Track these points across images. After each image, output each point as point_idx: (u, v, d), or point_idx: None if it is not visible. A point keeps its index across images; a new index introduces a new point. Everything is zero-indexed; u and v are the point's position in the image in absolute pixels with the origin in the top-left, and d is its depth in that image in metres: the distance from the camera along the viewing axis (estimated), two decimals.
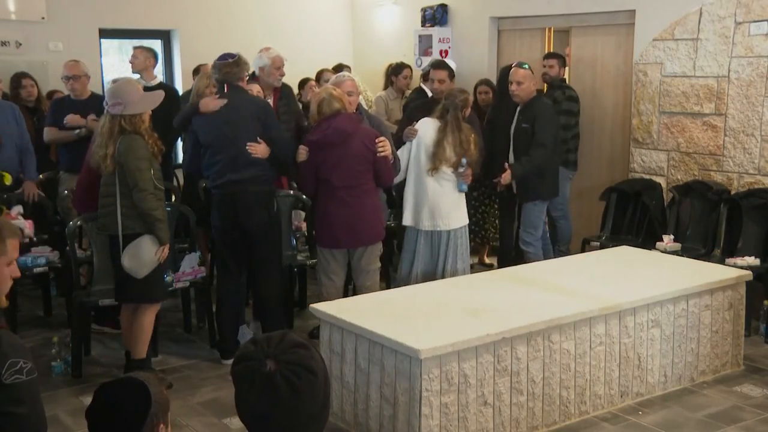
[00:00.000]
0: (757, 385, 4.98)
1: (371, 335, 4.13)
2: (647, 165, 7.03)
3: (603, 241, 6.76)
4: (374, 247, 5.42)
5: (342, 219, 5.24)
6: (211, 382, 5.10)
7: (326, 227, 5.33)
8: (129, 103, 4.75)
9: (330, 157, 5.20)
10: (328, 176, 5.21)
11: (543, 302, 4.54)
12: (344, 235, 5.29)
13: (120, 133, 4.74)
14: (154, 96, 5.01)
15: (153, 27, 8.79)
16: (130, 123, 4.76)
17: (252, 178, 5.27)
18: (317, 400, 1.92)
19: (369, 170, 5.28)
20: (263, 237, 5.38)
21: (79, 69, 6.53)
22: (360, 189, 5.27)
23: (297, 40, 8.94)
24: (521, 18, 8.04)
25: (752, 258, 5.85)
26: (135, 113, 4.77)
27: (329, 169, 5.20)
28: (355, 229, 5.28)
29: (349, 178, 5.22)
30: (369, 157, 5.25)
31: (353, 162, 5.21)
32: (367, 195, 5.32)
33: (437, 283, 5.21)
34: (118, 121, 4.75)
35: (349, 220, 5.25)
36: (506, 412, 4.19)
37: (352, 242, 5.33)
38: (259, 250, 5.41)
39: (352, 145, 5.20)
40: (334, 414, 4.45)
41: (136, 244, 4.81)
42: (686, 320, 4.89)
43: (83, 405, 4.72)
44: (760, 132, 6.28)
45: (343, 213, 5.24)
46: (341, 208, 5.24)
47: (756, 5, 6.20)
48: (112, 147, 4.73)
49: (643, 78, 6.98)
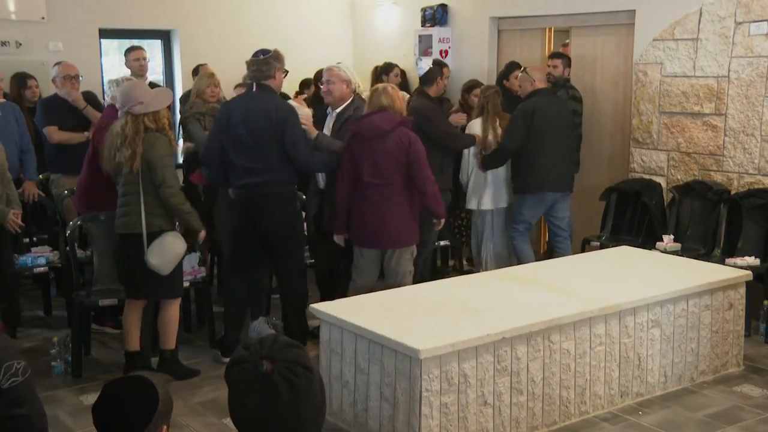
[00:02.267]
0: (757, 385, 4.98)
1: (371, 335, 4.13)
2: (647, 165, 7.03)
3: (603, 241, 6.76)
4: (405, 250, 5.36)
5: (367, 218, 5.27)
6: (211, 382, 5.10)
7: (354, 224, 5.37)
8: (148, 102, 4.81)
9: (361, 151, 5.25)
10: (359, 171, 5.26)
11: (543, 302, 4.54)
12: (368, 235, 5.31)
13: (144, 131, 4.79)
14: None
15: (153, 27, 8.79)
16: (153, 121, 4.83)
17: (270, 181, 5.23)
18: (316, 399, 1.90)
19: (399, 172, 5.25)
20: (281, 240, 5.35)
21: (76, 68, 6.58)
22: (388, 189, 5.25)
23: (297, 40, 8.94)
24: (521, 18, 8.04)
25: (752, 258, 5.85)
26: (156, 110, 4.83)
27: (360, 163, 5.25)
28: (378, 230, 5.27)
29: (376, 176, 5.22)
30: (401, 158, 5.22)
31: (382, 160, 5.21)
32: (395, 196, 5.27)
33: (437, 283, 5.21)
34: (141, 120, 4.79)
35: (374, 220, 5.26)
36: (506, 412, 4.19)
37: (376, 243, 5.33)
38: (278, 253, 5.41)
39: (385, 143, 5.21)
40: (334, 414, 4.45)
41: (160, 242, 4.85)
42: (686, 320, 4.89)
43: (83, 405, 4.75)
44: (760, 132, 6.28)
45: (368, 212, 5.26)
46: (367, 207, 5.26)
47: (756, 5, 6.20)
48: (140, 146, 4.76)
49: (643, 78, 6.98)
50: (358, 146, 5.24)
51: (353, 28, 9.89)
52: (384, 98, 5.27)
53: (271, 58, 5.23)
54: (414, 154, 5.24)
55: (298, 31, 9.21)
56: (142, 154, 4.76)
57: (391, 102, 5.28)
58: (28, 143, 6.47)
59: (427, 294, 4.83)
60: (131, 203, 4.87)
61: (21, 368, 2.58)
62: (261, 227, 5.30)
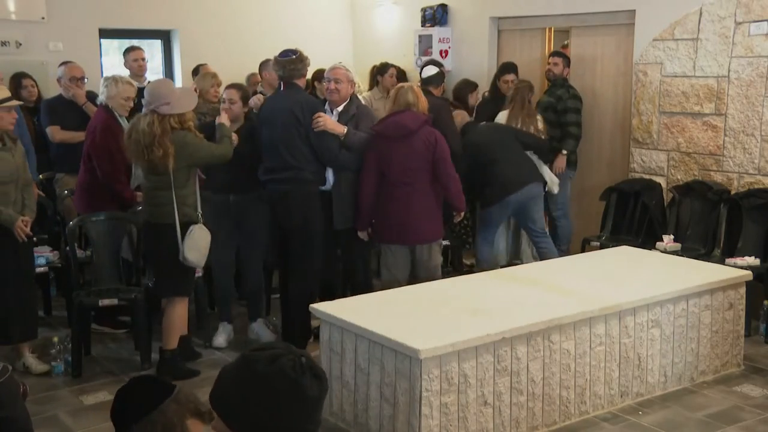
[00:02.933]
0: (757, 385, 4.98)
1: (371, 335, 4.13)
2: (647, 165, 7.03)
3: (603, 241, 6.76)
4: (434, 243, 5.54)
5: (394, 215, 5.39)
6: (211, 382, 5.03)
7: (379, 221, 5.48)
8: (174, 103, 4.89)
9: (388, 151, 5.34)
10: (386, 170, 5.36)
11: (543, 302, 4.54)
12: (396, 232, 5.44)
13: (170, 131, 4.87)
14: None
15: (153, 27, 8.78)
16: (178, 122, 4.91)
17: (292, 178, 5.32)
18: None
19: (426, 170, 5.38)
20: (298, 239, 5.41)
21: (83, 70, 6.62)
22: (413, 187, 5.36)
23: (297, 40, 8.83)
24: (521, 18, 8.04)
25: (752, 258, 5.85)
26: (182, 112, 4.93)
27: (387, 162, 5.35)
28: (406, 226, 5.40)
29: (403, 175, 5.34)
30: (428, 157, 5.35)
31: (409, 159, 5.33)
32: (421, 194, 5.39)
33: (437, 283, 5.21)
34: (167, 120, 4.87)
35: (401, 218, 5.39)
36: (506, 412, 4.19)
37: (404, 239, 5.46)
38: (294, 251, 5.45)
39: (412, 142, 5.33)
40: (334, 414, 4.45)
41: (191, 237, 4.97)
42: (686, 320, 4.89)
43: (83, 405, 4.75)
44: (760, 132, 6.28)
45: (395, 210, 5.38)
46: (394, 205, 5.37)
47: (756, 5, 6.20)
48: (171, 146, 4.85)
49: (643, 78, 6.98)
50: (385, 146, 5.35)
51: (353, 28, 9.89)
52: (411, 96, 5.42)
53: (301, 58, 5.43)
54: (440, 152, 5.39)
55: (298, 31, 9.20)
56: (175, 155, 4.86)
57: (416, 101, 5.42)
58: (27, 143, 6.46)
59: (427, 294, 4.83)
60: (161, 196, 4.97)
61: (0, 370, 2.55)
62: (282, 224, 5.42)
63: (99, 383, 5.08)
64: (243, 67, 8.35)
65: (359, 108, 5.59)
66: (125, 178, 5.66)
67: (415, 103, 5.42)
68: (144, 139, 4.86)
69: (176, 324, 5.16)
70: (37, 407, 4.64)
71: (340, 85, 5.50)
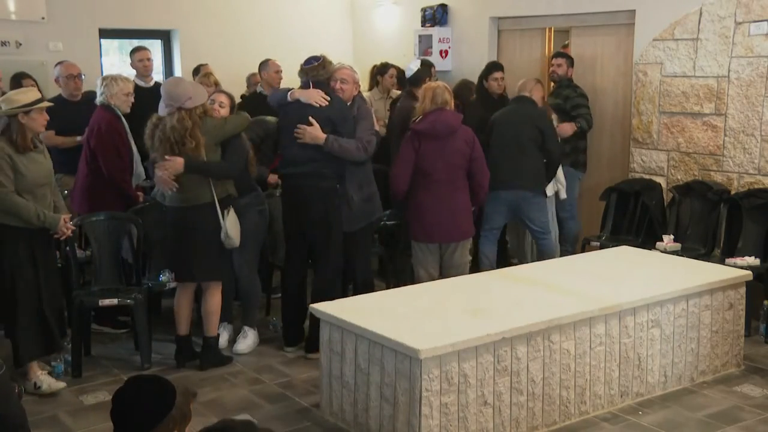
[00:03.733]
0: (757, 385, 4.98)
1: (371, 335, 4.13)
2: (647, 165, 7.03)
3: (603, 241, 6.76)
4: (467, 241, 5.75)
5: (437, 214, 5.52)
6: (211, 382, 5.10)
7: (420, 221, 5.59)
8: (195, 95, 5.10)
9: (434, 149, 5.47)
10: (430, 168, 5.48)
11: (543, 302, 4.54)
12: (437, 230, 5.59)
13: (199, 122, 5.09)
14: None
15: (153, 27, 8.79)
16: (203, 111, 5.12)
17: (311, 173, 5.36)
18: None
19: (465, 167, 5.59)
20: (319, 233, 5.43)
21: (78, 67, 6.57)
22: (454, 185, 5.56)
23: (297, 40, 8.94)
24: (521, 18, 8.04)
25: (752, 258, 5.85)
26: (204, 102, 5.14)
27: (431, 161, 5.47)
28: (447, 224, 5.56)
29: (447, 172, 5.51)
30: (467, 155, 5.53)
31: (453, 157, 5.50)
32: (460, 192, 5.61)
33: (437, 283, 5.21)
34: (194, 112, 5.05)
35: (444, 215, 5.54)
36: (506, 412, 4.19)
37: (445, 237, 5.61)
38: (315, 246, 5.48)
39: (455, 140, 5.51)
40: (334, 414, 4.46)
41: (230, 215, 5.18)
42: (686, 320, 4.89)
43: (83, 405, 4.75)
44: (760, 132, 6.28)
45: (438, 208, 5.51)
46: (437, 203, 5.51)
47: (756, 5, 6.20)
48: (202, 137, 5.04)
49: (643, 78, 6.98)
50: (429, 144, 5.46)
51: (353, 28, 9.89)
52: (447, 95, 5.57)
53: (325, 62, 5.52)
54: (477, 150, 5.61)
55: (298, 31, 9.22)
56: (205, 143, 5.06)
57: (450, 100, 5.59)
58: None
59: (427, 294, 4.83)
60: (193, 179, 5.08)
61: None
62: (300, 217, 5.46)
63: (99, 383, 5.08)
64: (243, 67, 8.35)
65: (359, 110, 5.59)
66: (129, 176, 5.73)
67: (450, 102, 5.59)
68: (174, 135, 5.02)
69: (217, 310, 5.32)
70: (37, 407, 4.65)
71: (345, 86, 5.52)
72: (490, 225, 6.51)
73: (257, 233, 5.71)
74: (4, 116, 4.66)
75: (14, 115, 4.64)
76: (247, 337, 5.68)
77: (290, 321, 5.64)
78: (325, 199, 5.39)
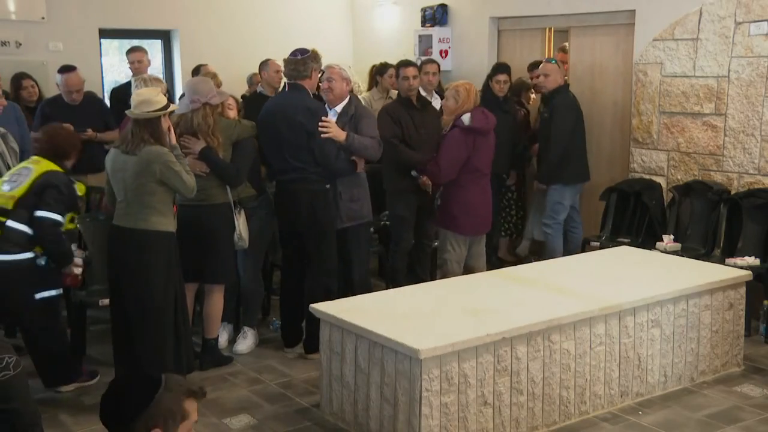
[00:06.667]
0: (757, 385, 4.99)
1: (371, 335, 4.13)
2: (647, 165, 7.03)
3: (603, 241, 6.77)
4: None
5: (485, 206, 5.86)
6: (211, 382, 5.10)
7: (470, 215, 5.78)
8: (218, 94, 5.20)
9: (486, 145, 5.73)
10: (480, 164, 5.73)
11: (543, 302, 4.54)
12: (485, 223, 5.92)
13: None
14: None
15: (153, 27, 8.80)
16: (220, 111, 5.22)
17: (299, 179, 5.33)
18: None
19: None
20: (310, 233, 5.40)
21: (81, 80, 6.61)
22: (488, 178, 5.90)
23: (297, 40, 8.84)
24: (521, 18, 8.05)
25: (752, 258, 5.85)
26: (222, 101, 5.25)
27: (483, 156, 5.73)
28: (489, 216, 5.94)
29: (489, 167, 5.86)
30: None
31: (492, 152, 5.87)
32: (490, 183, 5.98)
33: (437, 283, 5.22)
34: (215, 109, 5.13)
35: (489, 208, 5.92)
36: (506, 412, 4.19)
37: (488, 228, 6.00)
38: (308, 249, 5.45)
39: (492, 136, 5.85)
40: (334, 414, 4.46)
41: (242, 216, 5.25)
42: (686, 320, 4.90)
43: (83, 405, 4.75)
44: (760, 132, 6.28)
45: (485, 201, 5.86)
46: (486, 197, 5.86)
47: (756, 5, 6.20)
48: (220, 135, 5.12)
49: (643, 78, 6.98)
50: (481, 140, 5.68)
51: (353, 28, 9.89)
52: (478, 97, 5.90)
53: (309, 58, 5.30)
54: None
55: (298, 31, 9.21)
56: (223, 143, 5.13)
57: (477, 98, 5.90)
58: (28, 143, 6.46)
59: (427, 294, 4.83)
60: (209, 178, 5.10)
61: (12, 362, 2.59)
62: (291, 222, 5.44)
63: (99, 383, 5.08)
64: (243, 67, 8.36)
65: (358, 108, 5.56)
66: None
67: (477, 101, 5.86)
68: (200, 130, 5.08)
69: (218, 313, 5.33)
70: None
71: (332, 84, 5.47)
72: (561, 216, 6.93)
73: (263, 235, 5.70)
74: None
75: (157, 117, 4.57)
76: (247, 338, 5.68)
77: (288, 321, 5.63)
78: (314, 199, 5.34)
